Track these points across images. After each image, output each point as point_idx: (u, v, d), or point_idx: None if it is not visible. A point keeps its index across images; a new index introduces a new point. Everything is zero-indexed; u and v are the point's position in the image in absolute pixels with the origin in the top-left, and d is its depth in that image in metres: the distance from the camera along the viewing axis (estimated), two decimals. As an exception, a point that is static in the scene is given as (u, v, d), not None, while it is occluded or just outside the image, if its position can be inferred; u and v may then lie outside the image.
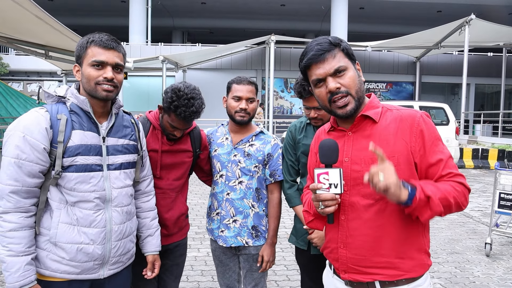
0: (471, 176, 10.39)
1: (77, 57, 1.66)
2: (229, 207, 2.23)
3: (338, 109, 1.43)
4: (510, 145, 12.87)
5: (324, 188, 1.37)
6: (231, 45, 17.08)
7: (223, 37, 26.77)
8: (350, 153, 1.46)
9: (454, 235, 5.33)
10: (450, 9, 22.28)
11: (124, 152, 1.75)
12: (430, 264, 1.48)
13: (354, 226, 1.45)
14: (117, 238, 1.71)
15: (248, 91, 2.19)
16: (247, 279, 2.30)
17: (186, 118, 1.95)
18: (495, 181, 4.60)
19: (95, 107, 1.68)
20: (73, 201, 1.60)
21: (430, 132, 1.42)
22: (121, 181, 1.73)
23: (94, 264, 1.65)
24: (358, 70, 1.48)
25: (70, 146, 1.58)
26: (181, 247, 2.28)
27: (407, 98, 20.92)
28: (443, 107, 9.79)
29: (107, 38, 1.64)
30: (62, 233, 1.59)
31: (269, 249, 2.24)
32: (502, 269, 4.19)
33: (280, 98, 20.40)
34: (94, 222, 1.63)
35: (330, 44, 1.43)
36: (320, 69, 1.42)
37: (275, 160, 2.26)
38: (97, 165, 1.64)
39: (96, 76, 1.61)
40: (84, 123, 1.63)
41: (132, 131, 1.82)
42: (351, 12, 21.11)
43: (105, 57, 1.61)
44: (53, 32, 8.32)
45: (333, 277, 1.57)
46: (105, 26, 25.53)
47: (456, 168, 1.41)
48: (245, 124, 2.24)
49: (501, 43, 18.16)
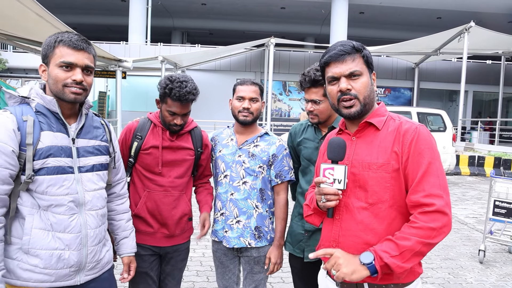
0: (466, 183, 10.43)
1: (43, 56, 1.58)
2: (232, 207, 2.24)
3: (343, 108, 1.51)
4: (506, 153, 12.93)
5: (328, 183, 1.43)
6: (230, 47, 17.12)
7: (222, 39, 26.82)
8: (351, 157, 1.51)
9: (448, 242, 5.35)
10: (450, 16, 22.41)
11: (96, 154, 1.68)
12: (420, 272, 1.50)
13: (347, 226, 1.49)
14: (93, 243, 1.64)
15: (251, 91, 2.22)
16: (248, 281, 2.30)
17: (181, 98, 2.00)
18: (490, 189, 4.62)
19: (63, 109, 1.60)
20: (46, 205, 1.52)
21: (420, 143, 1.41)
22: (94, 184, 1.66)
23: (70, 271, 1.58)
24: (373, 80, 1.54)
25: (40, 148, 1.50)
26: (183, 252, 2.28)
27: (405, 104, 20.99)
28: (441, 114, 9.82)
29: (77, 38, 1.56)
30: (36, 240, 1.50)
31: (277, 251, 2.24)
32: (495, 276, 4.22)
33: (278, 101, 20.42)
34: (69, 227, 1.56)
35: (352, 48, 1.50)
36: (337, 68, 1.49)
37: (280, 161, 2.27)
38: (69, 167, 1.57)
39: (64, 78, 1.53)
40: (52, 123, 1.55)
41: (103, 132, 1.76)
42: (351, 17, 21.21)
43: (74, 58, 1.53)
44: (53, 30, 8.31)
45: (326, 277, 1.61)
46: (104, 25, 25.58)
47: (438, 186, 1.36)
48: (248, 124, 2.25)
49: (500, 51, 18.26)
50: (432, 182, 1.36)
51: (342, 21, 20.69)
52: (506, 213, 4.50)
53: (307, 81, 2.10)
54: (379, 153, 1.46)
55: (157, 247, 2.11)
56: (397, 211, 1.44)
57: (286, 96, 20.49)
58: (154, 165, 2.10)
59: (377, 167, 1.44)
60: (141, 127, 2.16)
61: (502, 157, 11.68)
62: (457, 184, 10.21)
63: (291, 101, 20.46)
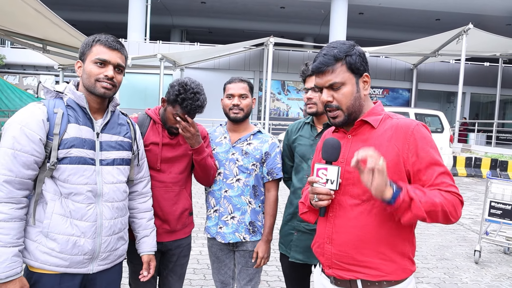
0: (463, 184, 10.49)
1: (81, 53, 1.73)
2: (227, 204, 2.28)
3: (330, 118, 1.56)
4: (503, 154, 13.00)
5: (321, 182, 1.45)
6: (229, 46, 17.11)
7: (221, 37, 26.78)
8: (347, 155, 1.52)
9: (445, 242, 5.39)
10: (449, 17, 22.46)
11: (118, 149, 1.78)
12: (413, 270, 1.51)
13: (340, 223, 1.51)
14: (107, 233, 1.72)
15: (240, 87, 2.27)
16: (242, 275, 2.33)
17: (191, 111, 2.03)
18: (486, 190, 4.65)
19: (92, 103, 1.73)
20: (66, 192, 1.63)
21: (424, 140, 1.44)
22: (113, 177, 1.75)
23: (84, 258, 1.66)
24: (364, 83, 1.53)
25: (65, 139, 1.61)
26: (184, 248, 2.29)
27: (403, 105, 21.05)
28: (438, 115, 9.87)
29: (113, 39, 1.72)
30: (55, 224, 1.61)
31: (264, 245, 2.29)
32: (490, 276, 4.25)
33: (276, 100, 20.45)
34: (85, 216, 1.65)
35: (333, 58, 1.48)
36: (318, 79, 1.53)
37: (273, 158, 2.31)
38: (90, 159, 1.67)
39: (97, 73, 1.67)
40: (79, 117, 1.68)
41: (127, 130, 1.85)
42: (351, 17, 21.22)
43: (108, 56, 1.69)
44: (51, 26, 8.31)
45: (321, 275, 1.63)
46: (104, 22, 25.49)
47: (451, 177, 1.43)
48: (240, 120, 2.29)
49: (498, 53, 18.35)
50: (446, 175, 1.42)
51: (341, 21, 20.70)
52: (502, 214, 4.53)
53: (310, 68, 2.10)
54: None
55: (158, 243, 2.12)
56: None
57: (285, 96, 20.51)
58: (154, 162, 2.11)
59: None
60: (141, 123, 2.16)
61: (498, 159, 11.75)
62: (454, 185, 10.27)
63: (289, 100, 20.48)
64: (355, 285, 1.49)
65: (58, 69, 15.86)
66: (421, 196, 1.34)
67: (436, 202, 1.34)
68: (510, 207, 4.48)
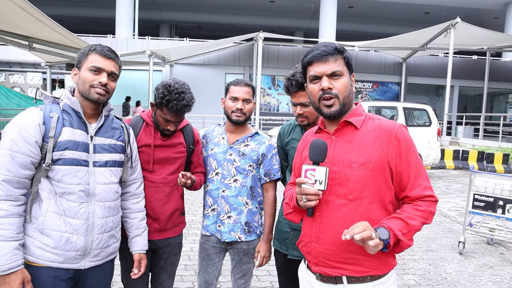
0: (451, 176, 10.65)
1: (77, 62, 1.85)
2: (224, 203, 2.32)
3: (324, 107, 1.56)
4: (490, 147, 13.21)
5: (309, 183, 1.48)
6: (219, 41, 17.06)
7: (211, 32, 26.68)
8: (331, 156, 1.56)
9: (431, 234, 5.50)
10: (438, 11, 22.64)
11: (111, 151, 1.87)
12: (394, 264, 1.59)
13: (327, 222, 1.55)
14: (99, 231, 1.81)
15: (245, 92, 2.29)
16: (236, 270, 2.42)
17: (178, 111, 2.08)
18: (470, 183, 4.76)
19: (86, 109, 1.83)
20: (60, 192, 1.73)
21: (406, 142, 1.53)
22: (105, 178, 1.84)
23: (76, 255, 1.76)
24: (352, 81, 1.60)
25: (60, 141, 1.72)
26: (175, 246, 2.34)
27: (392, 99, 21.21)
28: (426, 109, 9.97)
29: (108, 49, 1.84)
30: (49, 221, 1.71)
31: (265, 245, 2.34)
32: (473, 266, 4.36)
33: (267, 95, 20.47)
34: (78, 214, 1.75)
35: (335, 49, 1.56)
36: (320, 68, 1.55)
37: (269, 160, 2.35)
38: (83, 161, 1.77)
39: (92, 79, 1.78)
40: (74, 121, 1.78)
41: (120, 133, 1.95)
42: (340, 11, 21.27)
43: (103, 64, 1.80)
44: (37, 24, 8.21)
45: (306, 271, 1.68)
46: (91, 17, 25.21)
47: (427, 179, 1.54)
48: (241, 124, 2.32)
49: (485, 46, 18.57)
50: (423, 176, 1.53)
51: (331, 15, 20.74)
52: (485, 206, 4.64)
53: (294, 85, 2.11)
54: (360, 151, 1.52)
55: (149, 241, 2.16)
56: (376, 206, 1.51)
57: (275, 91, 20.54)
58: (146, 163, 2.16)
59: (359, 165, 1.51)
60: (133, 125, 2.21)
61: (485, 151, 11.94)
62: (442, 177, 10.43)
63: (280, 95, 20.51)
64: (340, 281, 1.54)
65: (45, 66, 15.68)
66: (404, 228, 1.45)
67: (417, 226, 1.47)
68: (493, 200, 4.59)
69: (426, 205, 1.49)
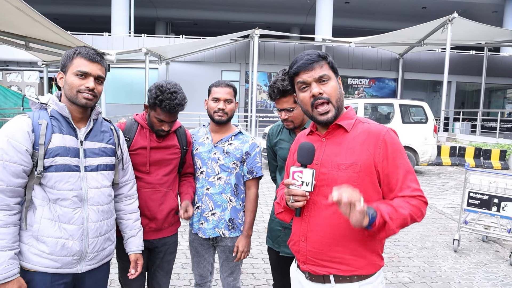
0: (447, 173, 10.70)
1: (62, 65, 1.82)
2: (208, 201, 2.38)
3: (319, 115, 1.59)
4: (487, 143, 13.25)
5: (297, 185, 1.53)
6: (215, 38, 17.02)
7: (207, 29, 26.60)
8: (321, 157, 1.60)
9: (426, 231, 5.54)
10: (435, 5, 22.61)
11: (101, 155, 1.87)
12: (381, 265, 1.62)
13: (315, 222, 1.59)
14: (94, 235, 1.83)
15: (226, 92, 2.36)
16: (224, 268, 2.49)
17: (171, 110, 2.12)
18: (465, 181, 4.79)
19: (74, 113, 1.82)
20: (54, 198, 1.73)
21: (394, 145, 1.56)
22: (97, 182, 1.85)
23: (72, 259, 1.77)
24: (339, 84, 1.64)
25: (50, 148, 1.71)
26: (171, 245, 2.40)
27: (389, 95, 21.24)
28: (422, 106, 9.99)
29: (93, 52, 1.81)
30: (44, 228, 1.72)
31: (244, 240, 2.40)
32: (467, 264, 4.41)
33: (263, 92, 20.46)
34: (73, 219, 1.75)
35: (318, 56, 1.60)
36: (307, 75, 1.59)
37: (253, 158, 2.42)
38: (75, 166, 1.77)
39: (79, 84, 1.76)
40: (63, 127, 1.77)
41: (110, 136, 1.95)
42: (336, 6, 21.22)
43: (89, 69, 1.78)
44: (33, 24, 8.19)
45: (297, 270, 1.73)
46: (87, 15, 25.09)
47: (416, 181, 1.56)
48: (223, 123, 2.40)
49: (483, 42, 18.59)
50: (412, 179, 1.55)
51: (327, 10, 20.69)
52: (480, 204, 4.68)
53: (276, 92, 2.18)
54: (348, 154, 1.56)
55: (145, 241, 2.21)
56: None
57: (272, 87, 20.49)
58: (142, 165, 2.22)
59: (346, 167, 1.54)
60: (129, 128, 2.26)
61: (482, 148, 11.98)
62: (438, 174, 10.47)
63: (277, 92, 20.46)
64: (328, 279, 1.58)
65: (42, 65, 15.63)
66: (393, 214, 1.45)
67: (406, 216, 1.47)
68: (488, 197, 4.63)
69: (417, 202, 1.51)
